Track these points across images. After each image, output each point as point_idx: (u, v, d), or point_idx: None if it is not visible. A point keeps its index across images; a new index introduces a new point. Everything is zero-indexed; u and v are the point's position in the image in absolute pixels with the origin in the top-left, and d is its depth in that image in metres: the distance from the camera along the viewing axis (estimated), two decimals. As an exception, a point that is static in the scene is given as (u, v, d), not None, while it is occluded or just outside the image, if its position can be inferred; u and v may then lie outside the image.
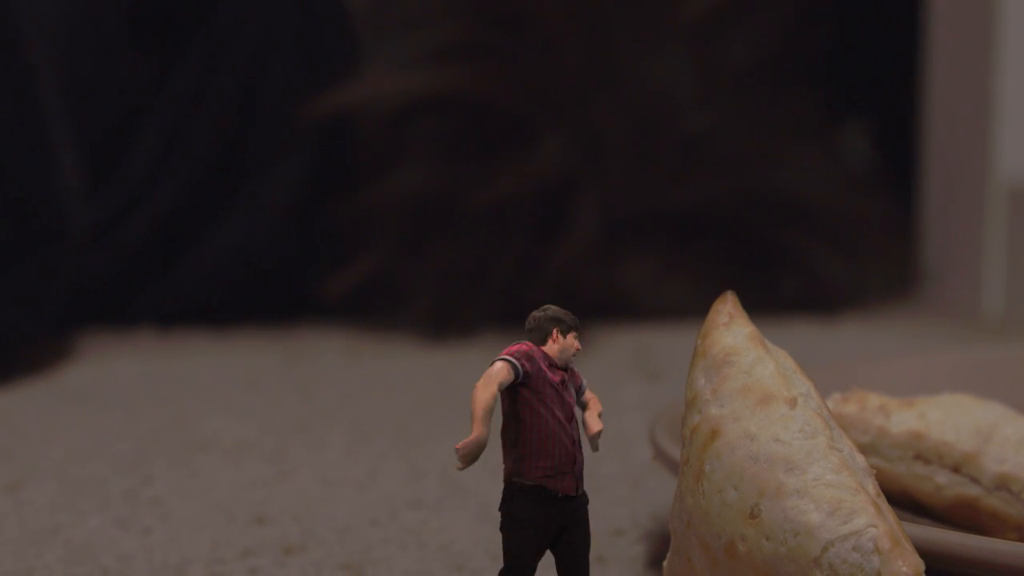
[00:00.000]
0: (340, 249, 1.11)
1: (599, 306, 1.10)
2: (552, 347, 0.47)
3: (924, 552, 0.45)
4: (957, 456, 0.57)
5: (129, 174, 1.11)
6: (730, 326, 0.48)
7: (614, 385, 0.92)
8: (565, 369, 0.47)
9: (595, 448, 0.48)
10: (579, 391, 0.48)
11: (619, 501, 0.68)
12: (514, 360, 0.46)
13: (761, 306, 1.03)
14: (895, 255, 1.22)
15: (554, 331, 0.47)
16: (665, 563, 0.48)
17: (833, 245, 1.17)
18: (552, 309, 0.48)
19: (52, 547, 0.62)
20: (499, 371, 0.46)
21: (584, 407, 0.48)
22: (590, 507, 0.48)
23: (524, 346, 0.47)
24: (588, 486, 0.48)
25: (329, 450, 0.78)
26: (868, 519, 0.42)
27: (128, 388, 0.93)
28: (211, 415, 0.85)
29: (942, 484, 0.57)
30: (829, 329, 1.10)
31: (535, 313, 0.48)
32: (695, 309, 0.99)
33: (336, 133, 1.12)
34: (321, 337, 1.08)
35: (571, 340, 0.47)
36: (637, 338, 1.05)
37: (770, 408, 0.45)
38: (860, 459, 0.45)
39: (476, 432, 0.45)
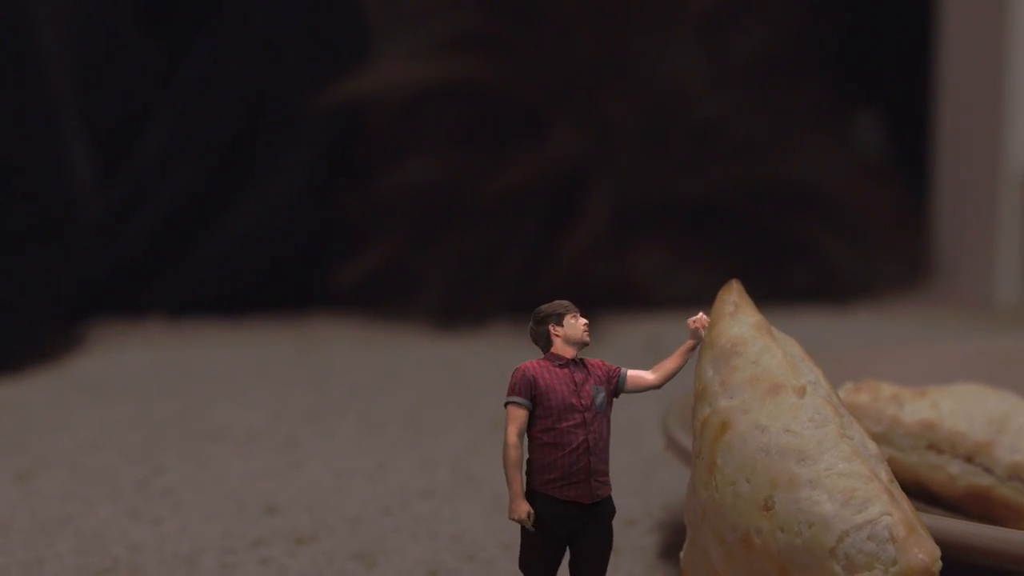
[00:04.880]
0: (351, 239, 1.11)
1: (610, 295, 1.10)
2: (558, 343, 0.47)
3: (936, 542, 0.44)
4: (970, 446, 0.57)
5: (140, 164, 1.11)
6: (736, 315, 0.48)
7: (625, 375, 0.92)
8: (578, 362, 0.47)
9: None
10: (618, 382, 0.47)
11: (631, 491, 0.68)
12: (519, 399, 0.46)
13: (772, 296, 1.03)
14: (907, 245, 1.22)
15: (550, 327, 0.47)
16: (682, 554, 0.47)
17: (845, 235, 1.17)
18: (541, 310, 0.47)
19: (63, 537, 0.62)
20: (513, 421, 0.46)
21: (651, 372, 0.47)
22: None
23: (522, 370, 0.47)
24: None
25: (340, 440, 0.78)
26: (882, 507, 0.42)
27: (139, 378, 0.93)
28: (222, 405, 0.85)
29: (955, 474, 0.57)
30: (841, 319, 1.09)
31: (530, 325, 0.47)
32: (706, 298, 0.98)
33: (347, 123, 1.12)
34: (332, 327, 1.07)
35: (570, 322, 0.47)
36: (648, 327, 1.05)
37: (779, 398, 0.45)
38: (872, 445, 0.45)
39: (516, 505, 0.46)
